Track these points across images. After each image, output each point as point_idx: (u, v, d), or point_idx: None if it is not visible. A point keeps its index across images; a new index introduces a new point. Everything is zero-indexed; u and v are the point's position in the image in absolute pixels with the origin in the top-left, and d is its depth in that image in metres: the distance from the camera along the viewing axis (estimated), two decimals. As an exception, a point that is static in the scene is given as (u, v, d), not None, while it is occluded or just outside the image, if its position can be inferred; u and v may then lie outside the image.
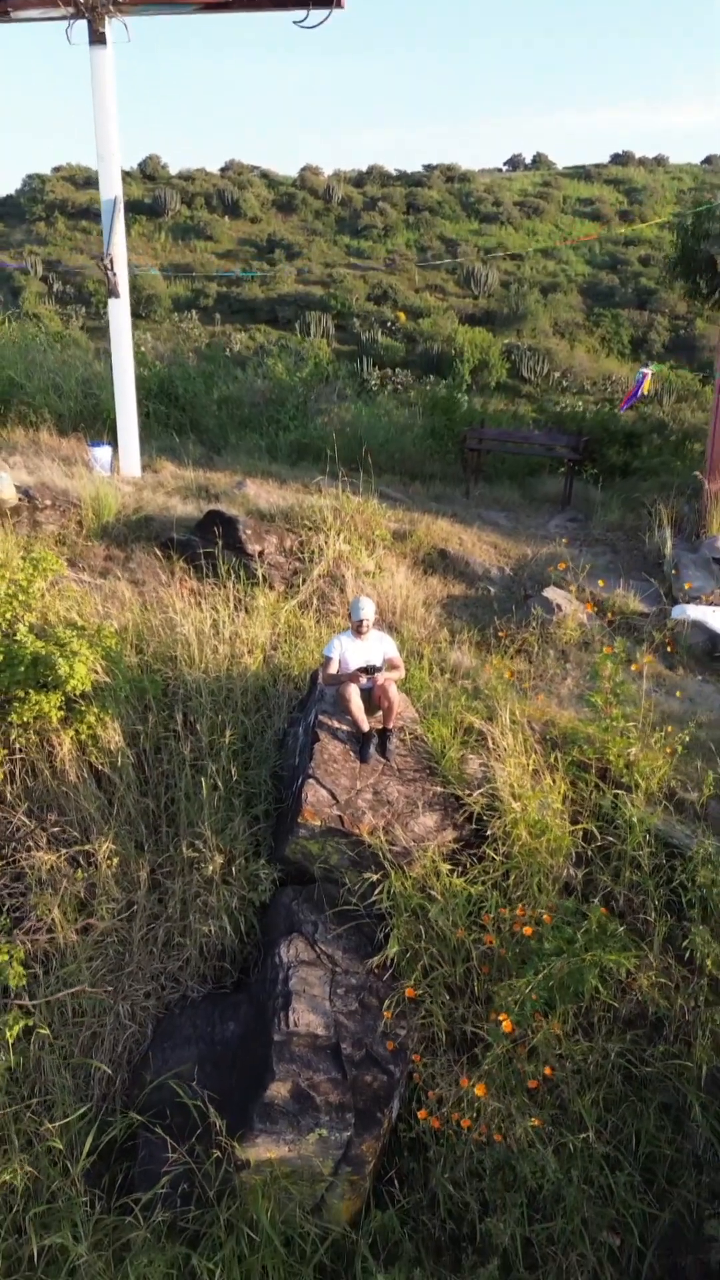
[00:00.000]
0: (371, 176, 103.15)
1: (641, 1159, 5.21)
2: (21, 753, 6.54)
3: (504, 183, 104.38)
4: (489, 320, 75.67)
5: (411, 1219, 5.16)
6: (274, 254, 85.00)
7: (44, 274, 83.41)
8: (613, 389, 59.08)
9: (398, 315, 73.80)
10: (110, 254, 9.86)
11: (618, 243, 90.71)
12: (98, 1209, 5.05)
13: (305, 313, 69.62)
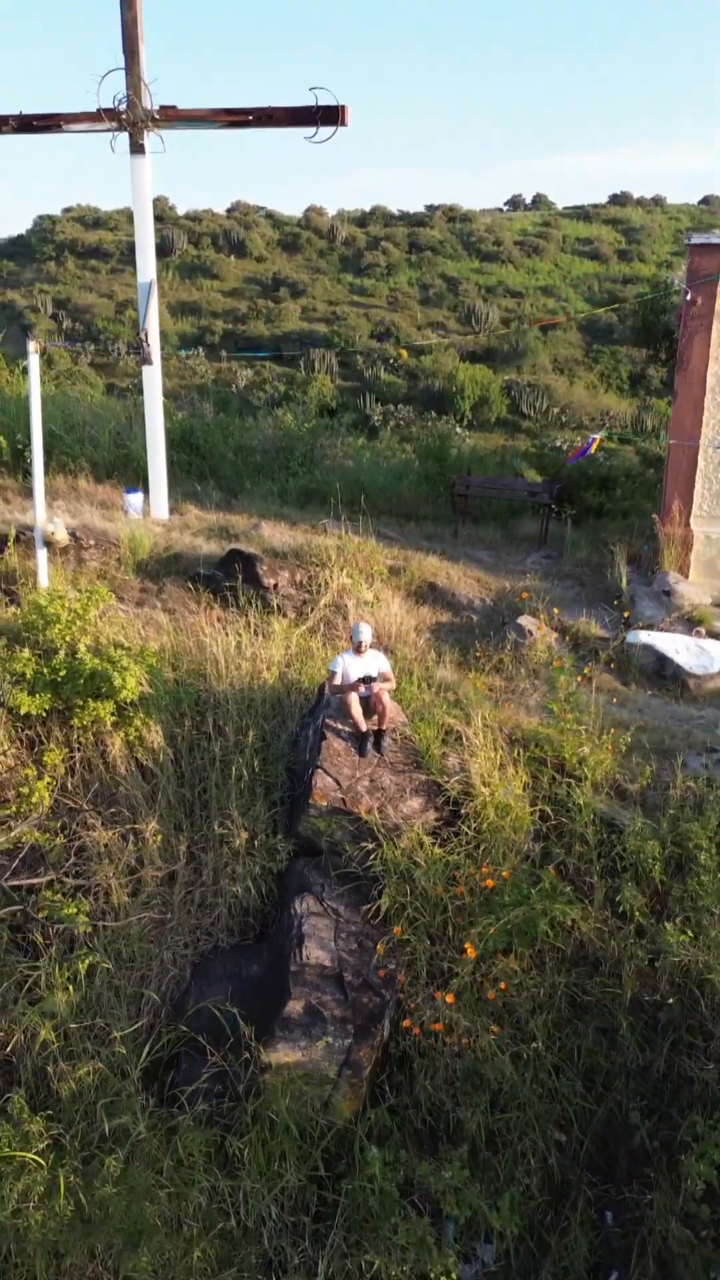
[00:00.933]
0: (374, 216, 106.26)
1: (582, 1069, 6.63)
2: (81, 750, 8.05)
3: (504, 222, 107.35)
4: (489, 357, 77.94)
5: (399, 1115, 6.58)
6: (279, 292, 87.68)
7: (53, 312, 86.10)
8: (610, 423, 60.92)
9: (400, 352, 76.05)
10: (145, 328, 11.56)
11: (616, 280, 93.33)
12: (151, 1103, 6.49)
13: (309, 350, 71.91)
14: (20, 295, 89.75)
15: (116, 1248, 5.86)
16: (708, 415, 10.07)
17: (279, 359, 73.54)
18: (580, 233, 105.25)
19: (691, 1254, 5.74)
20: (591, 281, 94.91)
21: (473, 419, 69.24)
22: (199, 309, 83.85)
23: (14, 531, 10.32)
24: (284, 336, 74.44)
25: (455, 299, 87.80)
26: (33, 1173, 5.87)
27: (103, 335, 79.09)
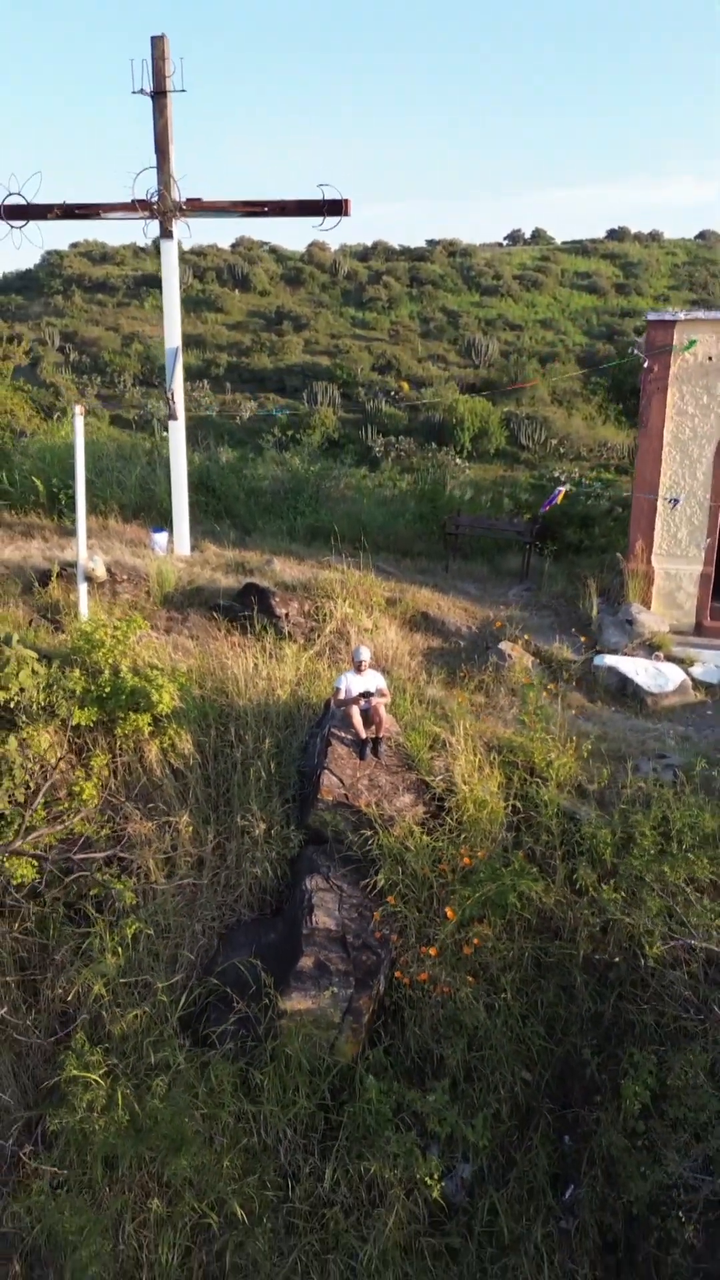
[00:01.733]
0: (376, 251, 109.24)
1: (544, 1016, 8.06)
2: (122, 756, 9.58)
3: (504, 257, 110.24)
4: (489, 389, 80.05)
5: (392, 1054, 8.02)
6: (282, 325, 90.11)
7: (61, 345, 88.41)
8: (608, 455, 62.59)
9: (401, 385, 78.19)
10: (171, 389, 13.21)
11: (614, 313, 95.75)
12: (187, 1043, 7.93)
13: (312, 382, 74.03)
14: (28, 328, 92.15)
15: (161, 1154, 7.30)
16: (665, 467, 11.67)
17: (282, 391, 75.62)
18: (578, 267, 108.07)
19: (629, 1159, 7.14)
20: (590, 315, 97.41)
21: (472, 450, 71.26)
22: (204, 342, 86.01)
23: (57, 568, 11.92)
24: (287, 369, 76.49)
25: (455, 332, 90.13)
26: (95, 1090, 7.32)
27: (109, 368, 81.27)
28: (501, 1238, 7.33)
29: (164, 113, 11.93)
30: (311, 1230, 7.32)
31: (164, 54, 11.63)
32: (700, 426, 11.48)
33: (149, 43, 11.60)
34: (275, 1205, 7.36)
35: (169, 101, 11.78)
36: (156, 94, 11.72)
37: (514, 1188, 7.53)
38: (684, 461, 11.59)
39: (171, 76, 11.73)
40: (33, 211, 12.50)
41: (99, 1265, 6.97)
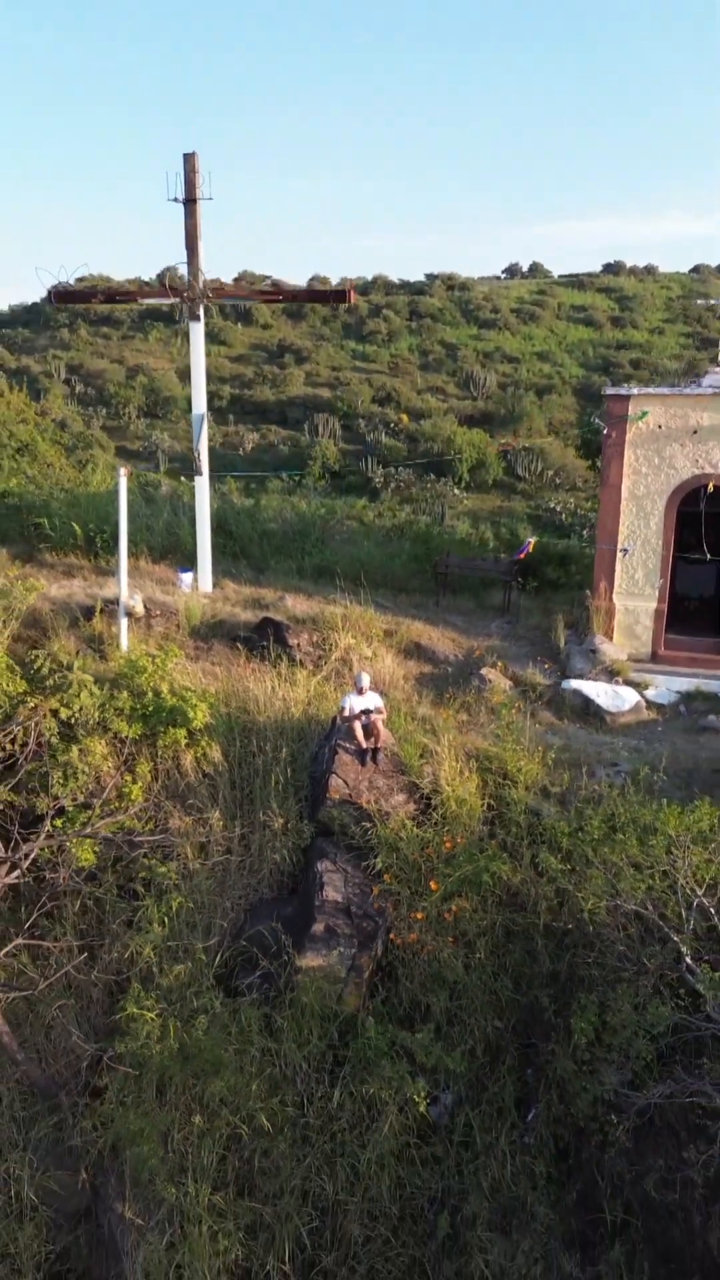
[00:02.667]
0: (376, 285, 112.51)
1: (512, 974, 10.04)
2: (163, 763, 11.61)
3: (502, 291, 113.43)
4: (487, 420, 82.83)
5: (388, 1005, 9.99)
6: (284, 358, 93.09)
7: (66, 377, 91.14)
8: (600, 488, 64.49)
9: (400, 417, 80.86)
10: (198, 449, 15.36)
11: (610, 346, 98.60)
12: (221, 994, 9.91)
13: (313, 414, 76.69)
14: (35, 361, 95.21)
15: (202, 1079, 9.25)
16: (623, 519, 13.79)
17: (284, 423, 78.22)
18: (575, 300, 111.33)
19: (576, 1081, 9.08)
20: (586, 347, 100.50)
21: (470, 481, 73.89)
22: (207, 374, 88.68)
23: (100, 605, 14.03)
24: (289, 401, 79.27)
25: (454, 364, 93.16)
26: (150, 1023, 9.29)
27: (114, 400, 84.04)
28: (475, 1146, 9.27)
29: (194, 216, 14.21)
30: (322, 1140, 9.25)
31: (194, 168, 13.93)
32: (652, 484, 13.64)
33: (182, 159, 13.92)
34: (294, 1120, 9.31)
35: (198, 208, 14.06)
36: (188, 201, 14.01)
37: (485, 1109, 9.48)
38: (639, 514, 13.74)
39: (200, 187, 14.02)
40: (78, 297, 14.81)
41: (155, 1160, 8.93)
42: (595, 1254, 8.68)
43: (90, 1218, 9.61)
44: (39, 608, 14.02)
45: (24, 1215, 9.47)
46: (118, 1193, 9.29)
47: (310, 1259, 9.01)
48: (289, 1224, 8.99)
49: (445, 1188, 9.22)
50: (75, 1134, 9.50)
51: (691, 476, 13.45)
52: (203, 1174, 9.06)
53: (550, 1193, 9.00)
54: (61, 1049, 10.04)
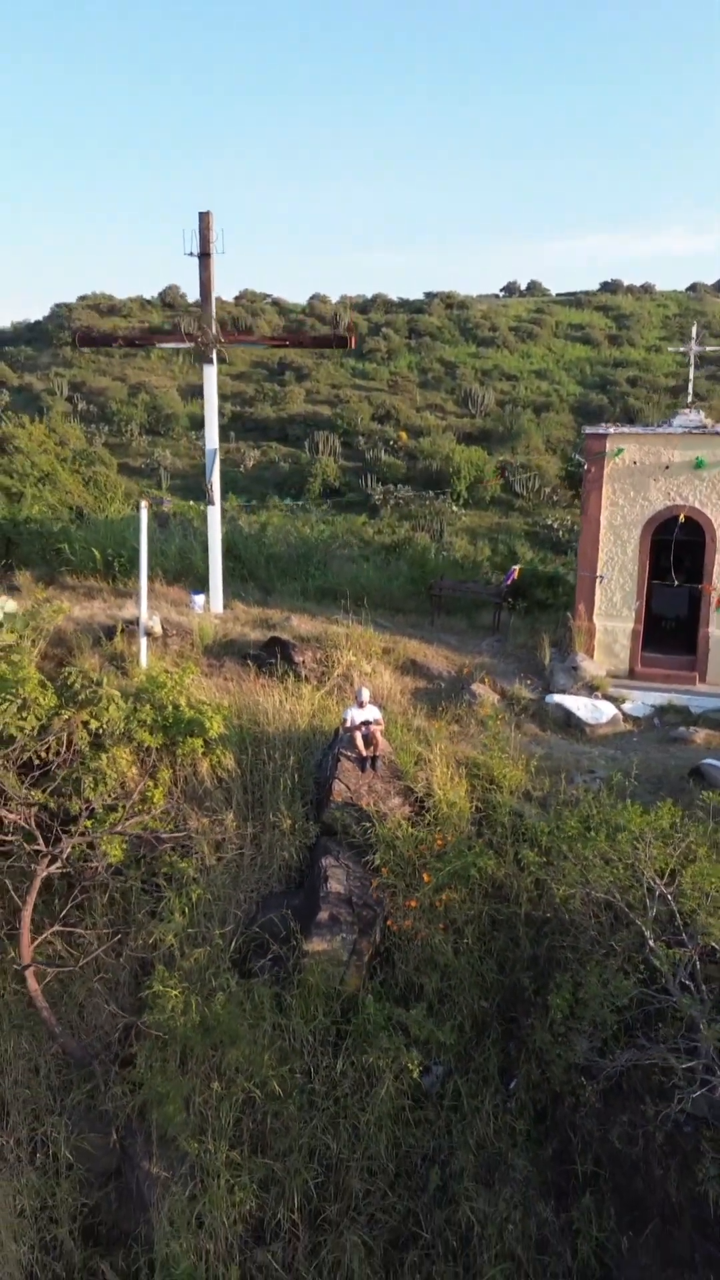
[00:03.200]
0: (376, 304, 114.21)
1: (496, 958, 11.31)
2: (181, 769, 12.91)
3: (500, 309, 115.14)
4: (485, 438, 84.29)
5: (385, 984, 11.25)
6: (284, 376, 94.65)
7: (69, 394, 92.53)
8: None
9: (399, 434, 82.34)
10: (210, 482, 16.72)
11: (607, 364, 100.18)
12: (236, 975, 11.17)
13: (314, 432, 78.16)
14: (37, 379, 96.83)
15: (221, 1049, 10.51)
16: (602, 546, 15.15)
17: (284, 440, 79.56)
18: (573, 319, 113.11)
19: (553, 1050, 10.32)
20: (584, 365, 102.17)
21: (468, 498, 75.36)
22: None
23: (121, 625, 15.36)
24: (289, 419, 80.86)
25: (453, 382, 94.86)
26: (174, 1000, 10.56)
27: (116, 417, 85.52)
28: (463, 1110, 10.52)
29: (208, 269, 15.64)
30: (327, 1104, 10.50)
31: (209, 226, 15.36)
32: (628, 515, 15.00)
33: (197, 217, 15.35)
34: (301, 1086, 10.55)
35: (211, 262, 15.49)
36: (202, 255, 15.44)
37: (472, 1076, 10.73)
38: (616, 542, 15.10)
39: (214, 243, 15.45)
40: (99, 340, 16.25)
41: (179, 1121, 10.18)
42: (568, 1202, 9.93)
43: (119, 1175, 10.86)
44: (63, 627, 15.35)
45: (60, 1173, 10.73)
46: (144, 1152, 10.55)
47: (316, 1210, 10.25)
48: (297, 1178, 10.23)
49: (436, 1146, 10.46)
50: (106, 1099, 10.75)
51: (664, 508, 14.82)
52: (221, 1133, 10.30)
53: (529, 1149, 10.25)
54: (93, 1025, 11.31)
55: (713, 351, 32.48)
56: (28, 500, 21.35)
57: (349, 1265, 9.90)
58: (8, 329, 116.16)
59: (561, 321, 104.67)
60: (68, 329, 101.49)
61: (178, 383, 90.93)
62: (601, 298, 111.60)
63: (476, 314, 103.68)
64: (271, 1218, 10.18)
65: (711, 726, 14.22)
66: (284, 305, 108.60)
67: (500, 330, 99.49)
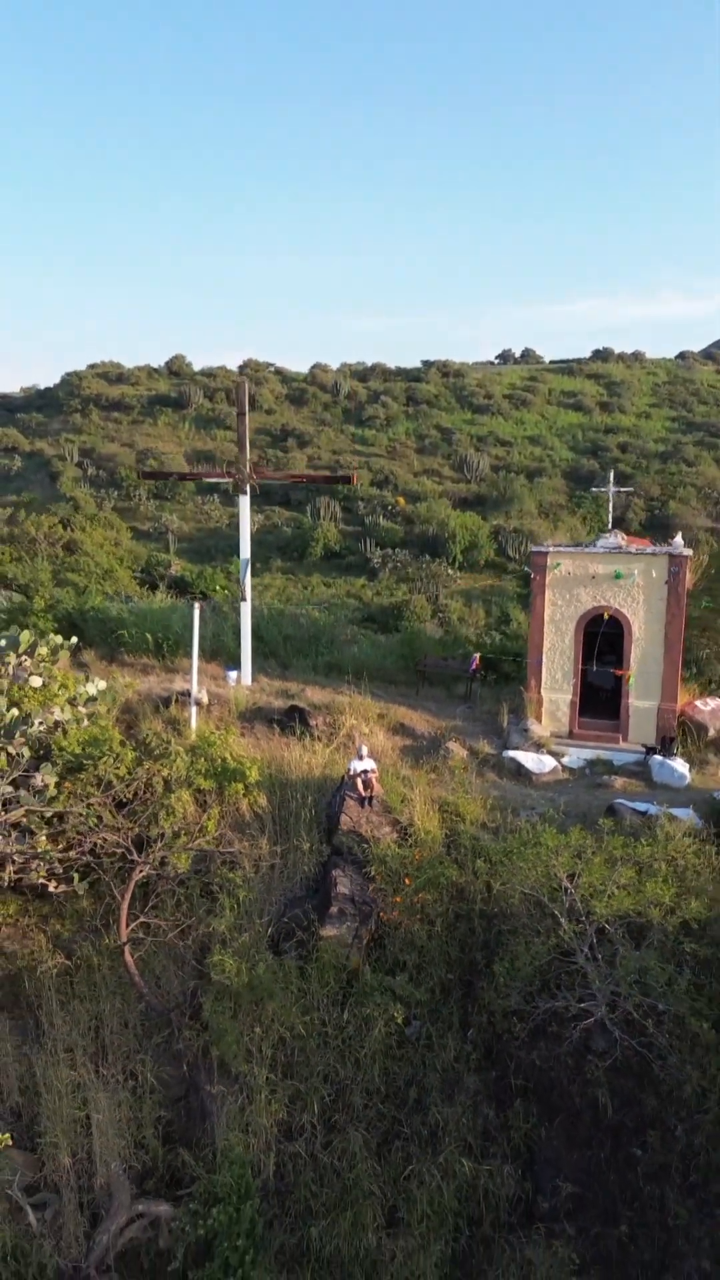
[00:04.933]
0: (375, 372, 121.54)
1: (458, 941, 16.18)
2: (228, 806, 17.91)
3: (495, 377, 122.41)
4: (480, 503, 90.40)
5: (378, 960, 16.13)
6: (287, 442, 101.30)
7: (79, 460, 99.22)
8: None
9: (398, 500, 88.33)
10: (243, 583, 21.94)
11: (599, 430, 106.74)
12: (271, 954, 16.06)
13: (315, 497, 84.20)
14: (48, 444, 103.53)
15: (261, 1002, 15.34)
16: (546, 636, 20.30)
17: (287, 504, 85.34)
18: (565, 386, 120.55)
19: (496, 1003, 15.14)
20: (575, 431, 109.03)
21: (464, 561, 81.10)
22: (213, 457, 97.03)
23: (176, 696, 20.47)
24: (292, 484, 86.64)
25: (449, 448, 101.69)
26: (229, 968, 15.43)
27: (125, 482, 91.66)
28: (433, 1048, 15.28)
29: (243, 425, 21.07)
30: (337, 1043, 15.26)
31: (244, 391, 20.83)
32: (565, 612, 20.22)
33: (234, 386, 20.74)
34: (318, 1030, 15.34)
35: (246, 419, 20.90)
36: (239, 414, 20.89)
37: (440, 1025, 15.53)
38: (557, 633, 20.30)
39: (247, 405, 20.88)
40: (159, 475, 21.60)
41: (232, 1054, 14.98)
42: (505, 1107, 14.70)
43: (187, 1096, 15.62)
44: (130, 698, 20.48)
45: (145, 1095, 15.47)
46: (207, 1077, 15.33)
47: (328, 1116, 14.98)
48: (315, 1094, 14.98)
49: (413, 1073, 15.24)
50: (179, 1041, 15.56)
51: (592, 608, 20.04)
52: (261, 1062, 15.09)
53: (479, 1073, 15.04)
54: (167, 989, 16.14)
55: (625, 491, 39.19)
56: (92, 593, 26.37)
57: (352, 1153, 14.62)
58: (17, 395, 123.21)
59: (554, 389, 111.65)
60: (78, 396, 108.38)
61: (184, 449, 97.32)
62: (593, 365, 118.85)
63: (472, 382, 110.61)
64: (297, 1122, 14.92)
65: (628, 775, 19.26)
66: (286, 374, 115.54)
67: (495, 398, 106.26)
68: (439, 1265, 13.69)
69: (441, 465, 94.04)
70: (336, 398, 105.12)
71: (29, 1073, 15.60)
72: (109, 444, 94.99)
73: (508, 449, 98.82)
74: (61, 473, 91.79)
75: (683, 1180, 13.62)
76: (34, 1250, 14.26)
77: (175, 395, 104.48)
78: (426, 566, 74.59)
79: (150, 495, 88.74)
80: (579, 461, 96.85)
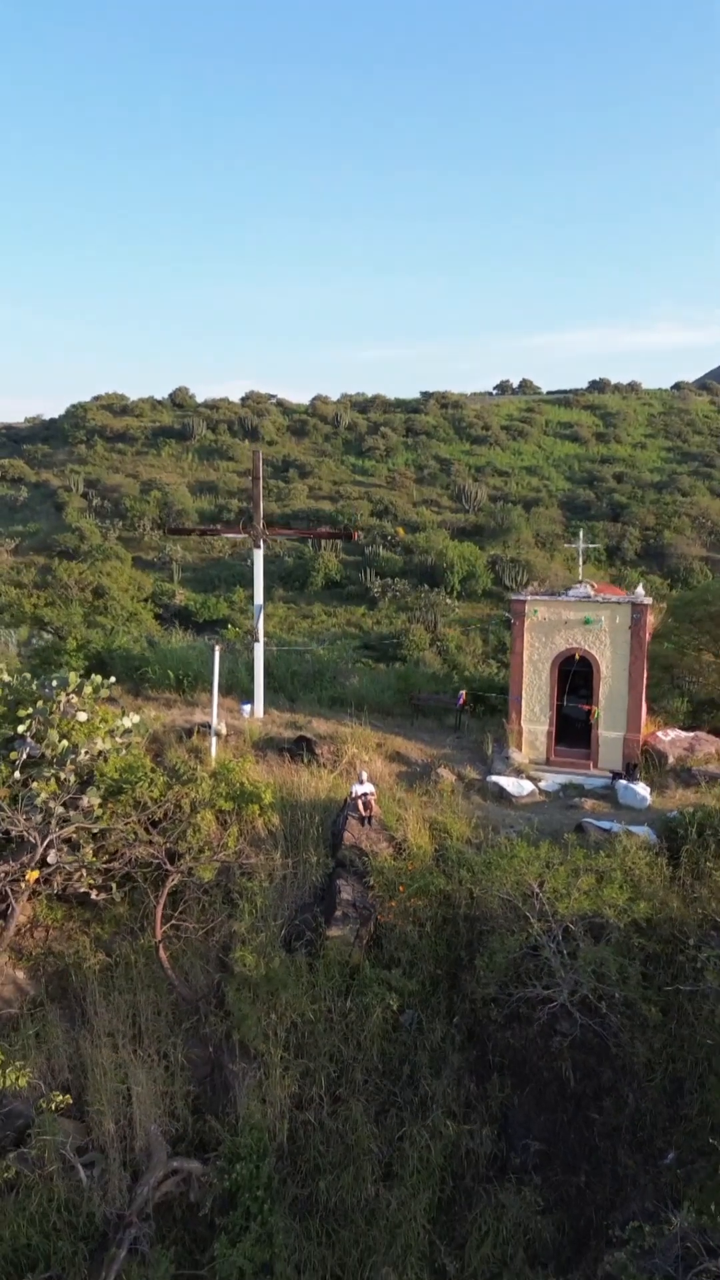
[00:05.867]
0: (375, 404, 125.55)
1: (445, 941, 19.10)
2: (246, 825, 20.92)
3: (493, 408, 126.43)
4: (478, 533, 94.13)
5: (376, 958, 19.08)
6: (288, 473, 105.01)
7: (84, 491, 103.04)
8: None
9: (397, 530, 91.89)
10: (257, 626, 25.02)
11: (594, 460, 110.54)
12: (283, 950, 19.02)
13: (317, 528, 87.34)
14: (54, 475, 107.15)
15: (276, 992, 18.28)
16: (525, 674, 23.37)
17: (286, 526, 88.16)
18: (561, 417, 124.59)
19: (477, 992, 18.06)
20: (572, 462, 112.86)
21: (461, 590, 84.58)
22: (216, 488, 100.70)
23: (197, 728, 23.53)
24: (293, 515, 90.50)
25: (447, 479, 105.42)
26: (248, 963, 18.37)
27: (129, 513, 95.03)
28: (424, 1031, 18.19)
29: (257, 487, 24.24)
30: (341, 1026, 18.12)
31: (259, 463, 24.03)
32: (542, 653, 23.31)
33: (252, 454, 24.02)
34: (325, 1015, 18.22)
35: (260, 485, 24.08)
36: (254, 479, 24.09)
37: (429, 1013, 18.43)
38: (534, 672, 23.38)
39: (261, 471, 24.08)
40: (184, 532, 24.76)
41: (252, 1035, 17.90)
42: (484, 1080, 17.60)
43: (211, 1075, 18.53)
44: (156, 729, 23.53)
45: (176, 1073, 18.36)
46: (230, 1057, 18.24)
47: (333, 1090, 17.90)
48: (323, 1071, 17.87)
49: (406, 1052, 18.13)
50: (206, 1026, 18.49)
51: (565, 649, 23.13)
52: (276, 1043, 17.98)
53: (462, 1052, 17.95)
54: (195, 983, 19.08)
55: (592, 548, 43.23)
56: (119, 634, 29.37)
57: (354, 1119, 17.49)
58: (22, 423, 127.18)
59: (551, 420, 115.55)
60: (84, 428, 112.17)
61: (187, 479, 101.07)
62: (589, 397, 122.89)
63: (470, 413, 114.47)
64: (307, 1094, 17.79)
65: (597, 797, 22.29)
66: (287, 406, 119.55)
67: (493, 429, 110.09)
68: (427, 1210, 16.54)
69: (440, 495, 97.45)
70: (337, 429, 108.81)
71: (77, 1054, 18.48)
72: (114, 475, 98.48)
73: (505, 479, 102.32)
74: (67, 503, 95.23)
75: (632, 1138, 16.53)
76: (84, 1201, 17.10)
77: (179, 427, 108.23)
78: (425, 596, 78.08)
79: (154, 526, 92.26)
80: (575, 491, 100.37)
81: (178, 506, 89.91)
